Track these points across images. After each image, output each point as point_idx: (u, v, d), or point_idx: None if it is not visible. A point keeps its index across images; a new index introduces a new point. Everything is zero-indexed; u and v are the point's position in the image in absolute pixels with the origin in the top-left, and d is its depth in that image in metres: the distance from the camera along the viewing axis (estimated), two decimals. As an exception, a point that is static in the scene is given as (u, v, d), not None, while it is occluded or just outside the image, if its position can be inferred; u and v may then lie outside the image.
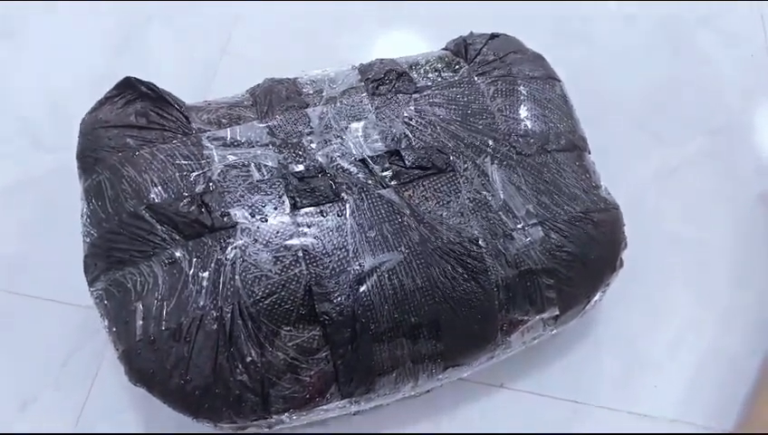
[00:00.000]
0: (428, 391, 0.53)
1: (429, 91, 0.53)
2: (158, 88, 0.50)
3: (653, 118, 0.71)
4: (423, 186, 0.48)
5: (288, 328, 0.44)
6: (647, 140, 0.70)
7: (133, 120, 0.49)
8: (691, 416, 0.57)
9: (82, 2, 0.74)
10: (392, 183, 0.48)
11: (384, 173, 0.48)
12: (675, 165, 0.69)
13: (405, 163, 0.49)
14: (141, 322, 0.44)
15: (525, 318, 0.50)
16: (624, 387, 0.59)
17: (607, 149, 0.58)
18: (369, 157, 0.49)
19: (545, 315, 0.50)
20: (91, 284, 0.47)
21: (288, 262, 0.45)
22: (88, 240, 0.48)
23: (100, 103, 0.50)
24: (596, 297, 0.53)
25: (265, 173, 0.48)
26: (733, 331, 0.61)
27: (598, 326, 0.61)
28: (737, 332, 0.61)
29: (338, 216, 0.46)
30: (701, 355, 0.60)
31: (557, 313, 0.50)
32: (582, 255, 0.50)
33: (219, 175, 0.47)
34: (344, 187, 0.47)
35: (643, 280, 0.62)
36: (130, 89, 0.50)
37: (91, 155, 0.48)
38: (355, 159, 0.48)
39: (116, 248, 0.46)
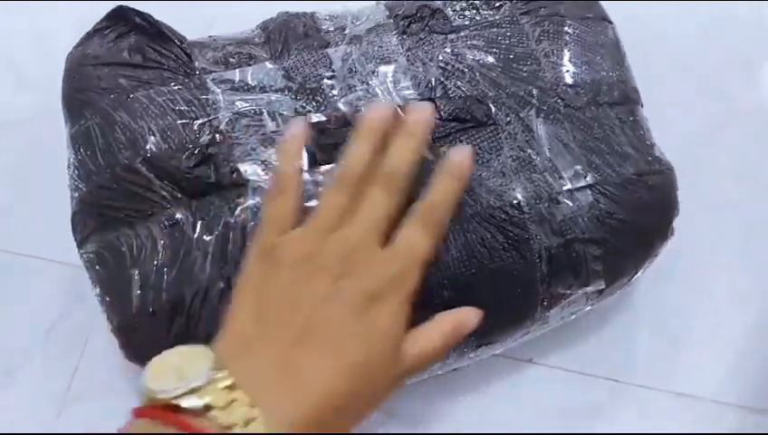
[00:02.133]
0: (455, 369, 0.48)
1: (467, 32, 0.46)
2: (155, 20, 0.43)
3: (699, 65, 0.64)
4: (460, 141, 0.42)
5: (305, 301, 0.39)
6: (692, 91, 0.63)
7: (127, 56, 0.42)
8: (735, 395, 0.53)
9: None
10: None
11: None
12: (723, 120, 0.62)
13: (440, 114, 0.42)
14: (139, 291, 0.38)
15: (568, 292, 0.44)
16: (663, 364, 0.54)
17: (648, 100, 0.51)
18: (399, 106, 0.42)
19: (589, 289, 0.45)
20: (80, 245, 0.42)
21: (306, 226, 0.39)
22: (76, 195, 0.42)
23: (89, 36, 0.44)
24: (643, 269, 0.48)
25: (280, 123, 0.41)
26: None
27: (635, 299, 0.56)
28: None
29: (364, 175, 0.41)
30: (747, 331, 0.55)
31: (603, 286, 0.45)
32: (634, 222, 0.45)
33: (227, 124, 0.41)
34: (371, 141, 0.41)
35: (685, 249, 0.56)
36: (123, 20, 0.43)
37: (79, 97, 0.42)
38: (383, 108, 0.42)
39: (108, 206, 0.40)
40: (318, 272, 0.34)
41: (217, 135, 0.40)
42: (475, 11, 0.47)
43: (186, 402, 0.28)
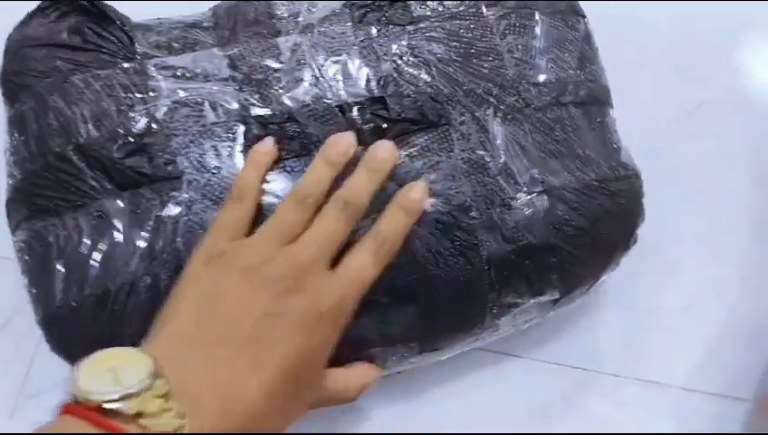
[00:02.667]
0: (398, 372, 0.47)
1: (428, 23, 0.43)
2: (98, 0, 0.42)
3: (673, 51, 0.61)
4: (409, 142, 0.40)
5: (238, 301, 0.38)
6: (669, 77, 0.61)
7: (65, 37, 0.40)
8: (706, 384, 0.51)
9: None
10: (373, 139, 0.40)
11: (365, 126, 0.40)
12: (696, 104, 0.60)
13: (390, 114, 0.40)
14: (62, 284, 0.37)
15: (519, 301, 0.43)
16: (633, 353, 0.52)
17: (621, 86, 0.49)
18: (347, 104, 0.40)
19: (543, 299, 0.43)
20: (13, 232, 0.41)
21: (241, 224, 0.38)
22: (11, 181, 0.41)
23: (30, 16, 0.42)
24: (603, 278, 0.46)
25: (222, 115, 0.40)
26: (755, 291, 0.54)
27: (606, 286, 0.53)
28: (760, 292, 0.54)
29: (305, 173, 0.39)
30: (720, 318, 0.54)
31: (557, 296, 0.43)
32: (593, 231, 0.43)
33: (166, 113, 0.39)
34: (315, 139, 0.39)
35: (657, 236, 0.53)
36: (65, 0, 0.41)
37: (15, 80, 0.40)
38: (330, 105, 0.40)
39: (40, 195, 0.39)
40: (266, 284, 0.34)
41: (154, 124, 0.39)
42: (437, 1, 0.45)
43: (118, 407, 0.28)
